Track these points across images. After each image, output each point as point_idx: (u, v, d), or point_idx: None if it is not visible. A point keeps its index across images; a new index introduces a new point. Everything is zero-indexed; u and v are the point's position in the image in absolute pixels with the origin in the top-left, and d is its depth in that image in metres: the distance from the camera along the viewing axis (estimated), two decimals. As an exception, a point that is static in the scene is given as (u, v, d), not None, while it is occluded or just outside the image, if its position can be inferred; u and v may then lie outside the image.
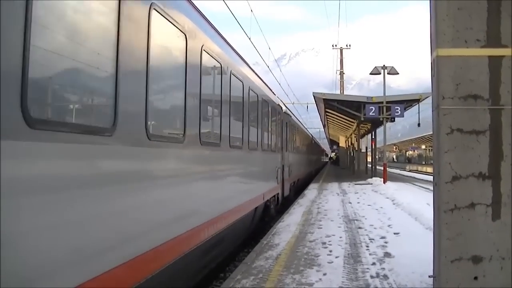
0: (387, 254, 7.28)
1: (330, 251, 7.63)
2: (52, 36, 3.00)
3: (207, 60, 5.93)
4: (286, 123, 16.69)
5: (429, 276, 4.75)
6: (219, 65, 6.68)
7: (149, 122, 4.01)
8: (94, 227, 3.20)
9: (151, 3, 4.13)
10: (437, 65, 4.34)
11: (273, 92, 13.99)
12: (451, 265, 4.24)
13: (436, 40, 4.34)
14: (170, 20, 4.65)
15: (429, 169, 47.24)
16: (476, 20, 4.28)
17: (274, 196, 12.85)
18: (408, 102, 23.23)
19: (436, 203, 4.43)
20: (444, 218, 4.26)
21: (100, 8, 3.51)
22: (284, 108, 16.59)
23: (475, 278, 4.22)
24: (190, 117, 5.19)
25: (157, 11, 4.24)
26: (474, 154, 4.26)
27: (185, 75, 5.03)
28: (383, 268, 6.44)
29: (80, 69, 3.31)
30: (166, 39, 4.71)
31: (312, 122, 69.83)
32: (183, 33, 4.95)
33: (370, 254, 7.34)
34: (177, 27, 4.84)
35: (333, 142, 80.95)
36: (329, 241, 8.43)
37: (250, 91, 9.22)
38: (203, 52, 5.73)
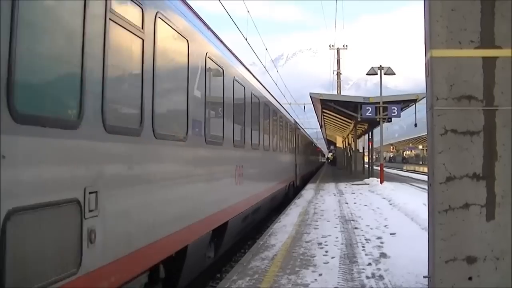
0: (383, 255, 7.29)
1: (326, 251, 7.64)
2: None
3: None
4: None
5: (424, 277, 4.77)
6: None
7: None
8: None
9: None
10: (431, 66, 4.35)
11: None
12: (445, 265, 4.24)
13: (430, 41, 4.35)
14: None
15: (426, 169, 47.25)
16: (470, 21, 4.29)
17: None
18: (405, 103, 23.28)
19: (431, 203, 4.44)
20: (438, 219, 4.27)
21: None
22: None
23: (470, 278, 4.23)
24: None
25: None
26: (468, 155, 4.27)
27: None
28: (379, 269, 6.45)
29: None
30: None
31: (309, 122, 69.93)
32: None
33: (366, 255, 7.35)
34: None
35: (330, 143, 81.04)
36: (325, 242, 8.44)
37: None
38: None
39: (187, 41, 5.69)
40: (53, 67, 3.10)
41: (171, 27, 5.12)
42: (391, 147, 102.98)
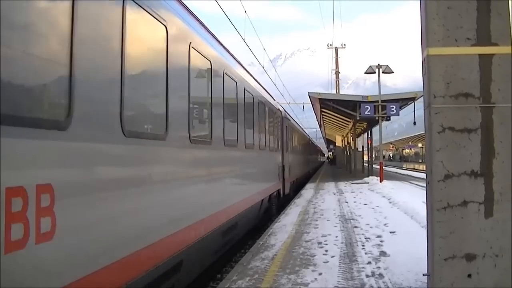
0: (383, 253, 7.30)
1: (326, 250, 7.64)
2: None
3: None
4: None
5: (423, 275, 4.76)
6: None
7: None
8: None
9: None
10: (427, 64, 4.35)
11: None
12: (444, 263, 4.25)
13: (427, 39, 4.35)
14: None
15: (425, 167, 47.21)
16: (466, 19, 4.30)
17: None
18: (404, 101, 23.29)
19: (429, 201, 4.44)
20: (437, 217, 4.27)
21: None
22: None
23: (469, 275, 4.23)
24: None
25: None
26: (466, 152, 4.27)
27: None
28: (379, 267, 6.45)
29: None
30: None
31: (308, 122, 69.91)
32: None
33: (365, 253, 7.36)
34: None
35: (329, 142, 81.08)
36: (325, 241, 8.44)
37: None
38: None
39: (166, 27, 4.95)
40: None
41: (147, 11, 4.45)
42: (391, 146, 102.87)
